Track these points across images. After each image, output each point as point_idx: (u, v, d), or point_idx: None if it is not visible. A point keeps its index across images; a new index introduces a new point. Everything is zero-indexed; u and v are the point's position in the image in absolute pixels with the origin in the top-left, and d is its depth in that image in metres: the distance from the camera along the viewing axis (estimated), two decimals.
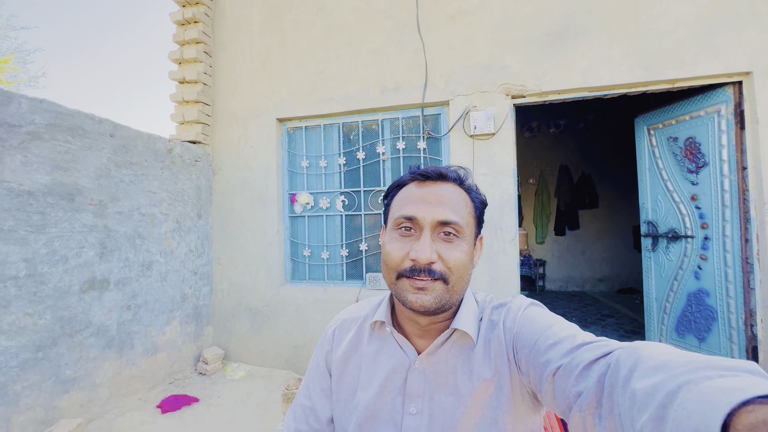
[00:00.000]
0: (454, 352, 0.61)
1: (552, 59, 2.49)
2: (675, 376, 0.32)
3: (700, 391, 0.28)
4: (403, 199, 0.62)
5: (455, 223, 0.57)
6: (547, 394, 0.49)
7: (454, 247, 0.57)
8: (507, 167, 2.56)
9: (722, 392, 0.26)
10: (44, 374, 1.93)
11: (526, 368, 0.54)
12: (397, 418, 0.60)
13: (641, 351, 0.38)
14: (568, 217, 5.69)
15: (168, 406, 2.33)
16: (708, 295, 2.52)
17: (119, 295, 2.36)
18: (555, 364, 0.47)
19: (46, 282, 1.96)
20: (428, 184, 0.61)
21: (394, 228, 0.61)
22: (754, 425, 0.22)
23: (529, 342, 0.54)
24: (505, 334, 0.59)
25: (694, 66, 2.28)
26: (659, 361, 0.35)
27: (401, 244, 0.58)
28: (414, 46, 2.75)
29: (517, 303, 0.62)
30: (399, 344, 0.64)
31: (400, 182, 0.65)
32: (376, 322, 0.67)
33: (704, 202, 2.52)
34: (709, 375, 0.30)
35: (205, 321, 3.10)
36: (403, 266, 0.57)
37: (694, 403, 0.27)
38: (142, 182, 2.55)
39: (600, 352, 0.44)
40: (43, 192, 1.97)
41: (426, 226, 0.57)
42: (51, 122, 2.01)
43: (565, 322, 0.55)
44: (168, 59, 3.11)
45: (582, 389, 0.42)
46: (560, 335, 0.50)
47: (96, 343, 2.20)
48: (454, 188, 0.62)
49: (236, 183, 3.15)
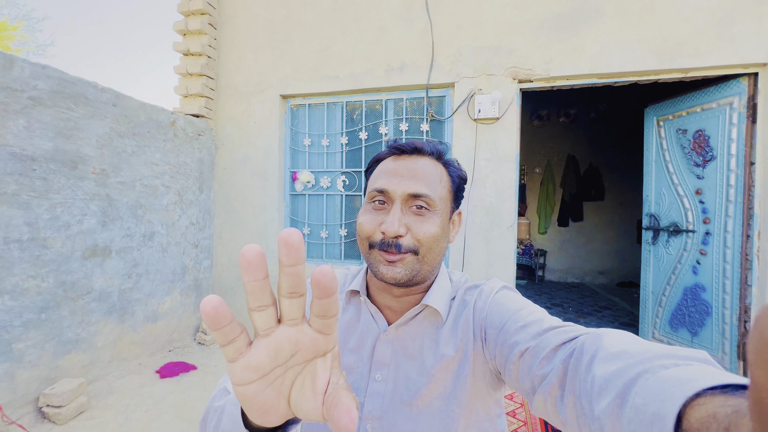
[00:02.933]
0: (423, 326, 0.63)
1: (562, 43, 2.42)
2: (634, 364, 0.33)
3: (657, 381, 0.29)
4: (379, 172, 0.62)
5: (425, 195, 0.57)
6: (512, 375, 0.51)
7: (425, 220, 0.58)
8: (510, 153, 2.53)
9: (677, 383, 0.28)
10: (47, 335, 2.00)
11: (493, 349, 0.55)
12: (363, 383, 0.63)
13: (603, 338, 0.39)
14: (572, 209, 5.64)
15: (166, 372, 2.42)
16: (704, 290, 2.51)
17: (121, 263, 2.41)
18: (522, 346, 0.49)
19: (48, 246, 2.01)
20: (403, 158, 0.62)
21: (368, 201, 0.62)
22: (704, 418, 0.23)
23: (498, 324, 0.55)
24: (474, 316, 0.60)
25: (709, 55, 2.21)
26: (619, 348, 0.36)
27: (373, 216, 0.59)
28: (421, 24, 2.69)
29: (489, 285, 0.63)
30: (371, 314, 0.66)
31: (378, 157, 0.66)
32: (351, 291, 0.69)
33: (708, 196, 2.48)
34: (665, 364, 0.31)
35: (205, 293, 3.17)
36: (373, 238, 0.58)
37: (652, 392, 0.29)
38: (145, 153, 2.57)
39: (566, 337, 0.45)
40: (46, 158, 1.99)
41: (396, 199, 0.58)
42: (53, 89, 2.02)
43: (534, 306, 0.56)
44: (172, 30, 3.08)
45: (547, 372, 0.44)
46: (529, 319, 0.52)
47: (98, 308, 2.27)
48: (430, 162, 0.62)
49: (238, 158, 3.16)
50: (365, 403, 0.62)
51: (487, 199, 2.57)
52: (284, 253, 0.26)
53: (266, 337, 0.28)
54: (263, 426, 0.32)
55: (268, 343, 0.28)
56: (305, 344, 0.29)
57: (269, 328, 0.28)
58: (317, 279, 0.26)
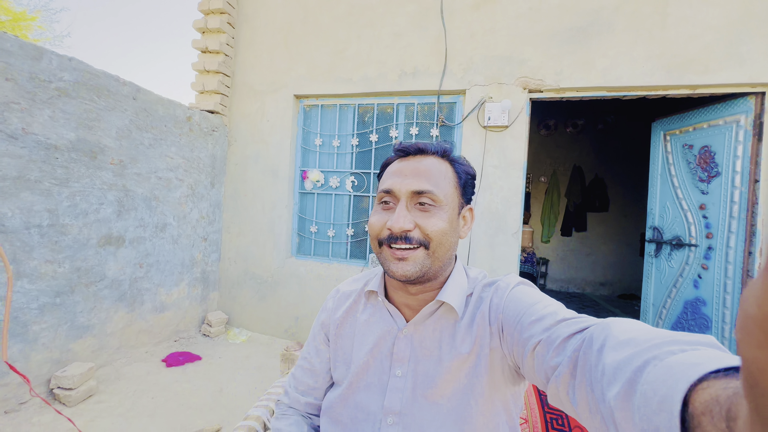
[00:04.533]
0: (440, 323, 0.64)
1: (573, 55, 2.47)
2: (642, 351, 0.34)
3: (664, 367, 0.30)
4: (386, 175, 0.65)
5: (429, 191, 0.59)
6: (529, 368, 0.52)
7: (431, 215, 0.60)
8: (517, 161, 2.58)
9: (683, 368, 0.28)
10: (61, 319, 2.06)
11: (511, 344, 0.56)
12: (384, 379, 0.65)
13: (612, 327, 0.40)
14: (576, 219, 5.66)
15: (172, 361, 2.47)
16: (705, 304, 2.53)
17: (133, 252, 2.48)
18: (536, 339, 0.50)
19: (66, 233, 2.07)
20: (408, 159, 0.64)
21: (377, 203, 0.65)
22: (707, 401, 0.24)
23: (514, 319, 0.56)
24: (491, 312, 0.61)
25: (717, 73, 2.25)
26: (628, 336, 0.37)
27: (381, 216, 0.63)
28: (435, 31, 2.75)
29: (506, 281, 0.64)
30: (389, 312, 0.69)
31: (387, 161, 0.69)
32: (370, 292, 0.72)
33: (712, 211, 2.52)
34: (673, 350, 0.32)
35: (211, 286, 3.22)
36: (381, 235, 0.61)
37: (659, 378, 0.30)
38: (161, 146, 2.63)
39: (576, 328, 0.46)
40: (68, 147, 2.06)
41: (402, 197, 0.60)
42: (78, 80, 2.09)
43: (550, 299, 0.57)
44: (192, 27, 3.15)
45: (558, 362, 0.45)
46: (543, 312, 0.53)
47: (109, 296, 2.33)
48: (435, 160, 0.64)
49: (250, 155, 3.22)
50: (386, 397, 0.64)
51: (494, 206, 2.61)
52: None
53: None
54: None
55: None
56: None
57: None
58: None
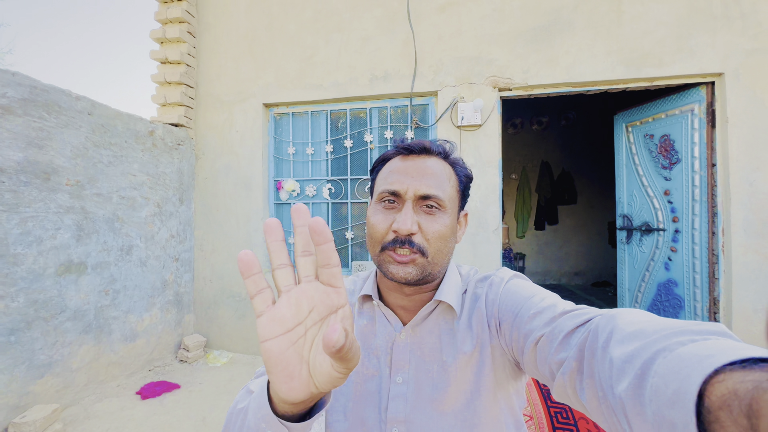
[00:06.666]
0: (439, 324, 0.63)
1: (538, 54, 2.55)
2: (650, 343, 0.33)
3: (675, 358, 0.29)
4: (388, 173, 0.62)
5: (437, 197, 0.58)
6: (530, 363, 0.51)
7: (435, 219, 0.58)
8: (492, 159, 2.61)
9: (695, 360, 0.27)
10: (17, 359, 1.86)
11: (509, 339, 0.55)
12: (384, 387, 0.62)
13: (617, 318, 0.39)
14: (547, 213, 5.85)
15: (148, 393, 2.29)
16: (676, 285, 2.66)
17: (97, 279, 2.29)
18: (537, 334, 0.49)
19: (19, 263, 1.88)
20: (412, 158, 0.62)
21: (378, 201, 0.62)
22: (725, 395, 0.23)
23: (511, 313, 0.55)
24: (487, 308, 0.61)
25: (671, 65, 2.38)
26: (635, 328, 0.36)
27: (384, 216, 0.59)
28: (404, 35, 2.76)
29: (499, 276, 0.63)
30: (385, 316, 0.66)
31: (385, 156, 0.66)
32: (363, 296, 0.68)
33: (676, 196, 2.65)
34: (682, 341, 0.31)
35: (186, 308, 3.04)
36: (386, 238, 0.58)
37: (670, 370, 0.28)
38: (122, 164, 2.47)
39: (579, 320, 0.45)
40: (16, 169, 1.88)
41: (408, 199, 0.58)
42: (24, 96, 1.92)
43: (546, 292, 0.56)
44: (149, 38, 3.00)
45: (564, 357, 0.44)
46: (541, 305, 0.52)
47: (72, 328, 2.13)
48: (438, 162, 0.62)
49: (220, 168, 3.09)
50: (389, 406, 0.61)
51: (473, 204, 2.63)
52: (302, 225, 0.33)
53: (287, 292, 0.34)
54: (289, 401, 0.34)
55: (289, 297, 0.33)
56: (319, 298, 0.34)
57: (289, 285, 0.34)
58: (313, 226, 0.32)
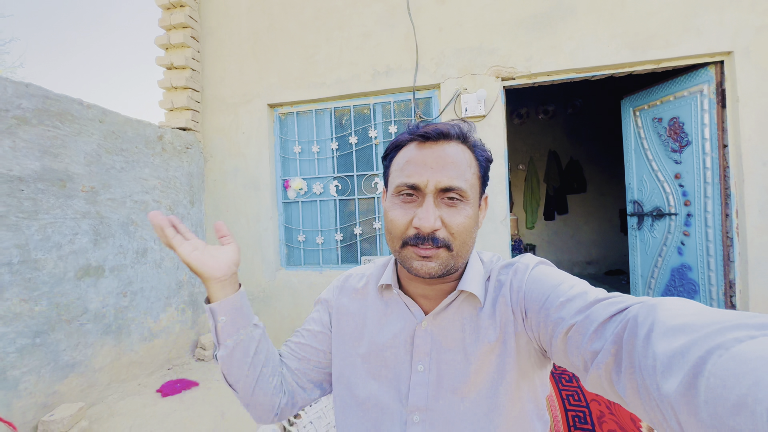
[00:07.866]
0: (461, 312, 0.61)
1: (541, 41, 2.52)
2: (700, 338, 0.30)
3: (733, 358, 0.27)
4: (404, 162, 0.58)
5: (459, 188, 0.55)
6: (560, 352, 0.48)
7: (458, 212, 0.55)
8: (498, 148, 2.60)
9: (761, 362, 0.25)
10: (42, 360, 1.93)
11: (536, 327, 0.53)
12: (405, 375, 0.61)
13: (659, 309, 0.36)
14: (557, 202, 5.78)
15: (168, 390, 2.36)
16: (690, 270, 2.62)
17: (115, 281, 2.36)
18: (568, 323, 0.46)
19: (40, 268, 1.95)
20: (429, 145, 0.57)
21: (395, 194, 0.58)
22: None
23: (538, 301, 0.53)
24: (512, 295, 0.58)
25: (678, 46, 2.34)
26: (680, 321, 0.33)
27: (404, 211, 0.56)
28: (404, 29, 2.76)
29: (524, 262, 0.60)
30: (406, 305, 0.64)
31: (398, 142, 0.61)
32: (383, 285, 0.67)
33: (687, 180, 2.61)
34: (739, 337, 0.28)
35: (201, 308, 3.11)
36: (407, 234, 0.56)
37: (730, 372, 0.26)
38: (134, 169, 2.53)
39: (614, 309, 0.42)
40: (34, 178, 1.94)
41: (429, 192, 0.55)
42: (38, 107, 1.98)
43: (574, 278, 0.53)
44: (155, 44, 3.05)
45: (598, 348, 0.41)
46: (571, 293, 0.49)
47: (93, 330, 2.21)
48: (458, 147, 0.58)
49: (228, 170, 3.14)
50: (410, 394, 0.60)
51: None
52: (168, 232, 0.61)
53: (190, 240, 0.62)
54: (213, 277, 0.61)
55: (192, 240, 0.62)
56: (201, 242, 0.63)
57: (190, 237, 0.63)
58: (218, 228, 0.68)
